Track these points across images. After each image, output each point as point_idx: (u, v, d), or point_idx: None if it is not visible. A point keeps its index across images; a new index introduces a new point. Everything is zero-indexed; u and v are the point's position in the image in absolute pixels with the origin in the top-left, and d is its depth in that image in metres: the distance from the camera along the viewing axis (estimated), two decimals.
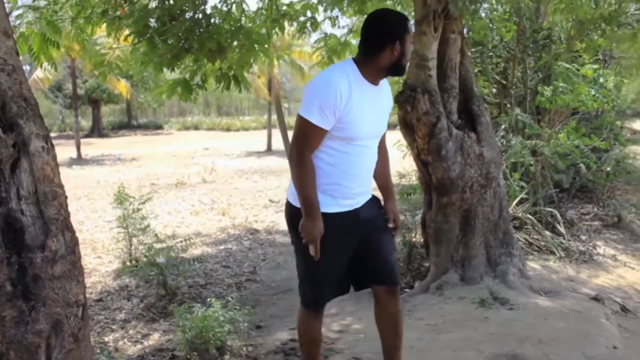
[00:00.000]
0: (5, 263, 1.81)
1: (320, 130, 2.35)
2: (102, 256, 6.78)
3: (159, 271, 4.98)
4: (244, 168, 15.97)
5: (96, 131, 33.07)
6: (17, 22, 4.61)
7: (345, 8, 5.73)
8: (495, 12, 7.54)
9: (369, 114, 2.44)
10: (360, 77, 2.42)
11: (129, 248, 6.02)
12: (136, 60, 5.05)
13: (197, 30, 4.63)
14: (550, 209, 6.64)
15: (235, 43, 4.88)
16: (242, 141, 26.01)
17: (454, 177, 4.47)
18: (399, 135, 4.93)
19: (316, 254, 2.42)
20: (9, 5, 4.66)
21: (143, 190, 10.55)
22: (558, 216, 6.49)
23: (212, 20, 4.73)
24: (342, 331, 3.93)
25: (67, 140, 26.09)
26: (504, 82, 7.86)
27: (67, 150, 20.23)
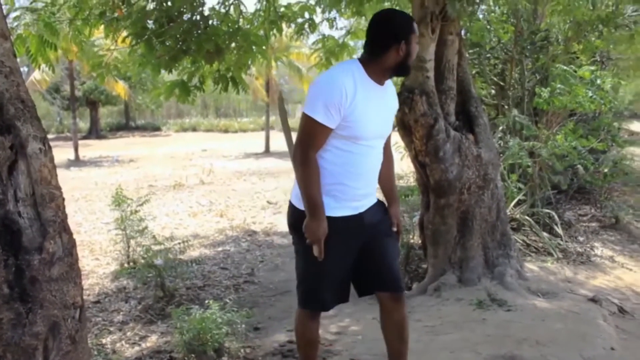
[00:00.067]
0: (2, 265, 1.80)
1: (325, 128, 2.33)
2: (100, 258, 6.77)
3: (157, 273, 4.98)
4: (242, 169, 15.96)
5: (94, 133, 33.00)
6: (15, 24, 4.61)
7: (343, 10, 5.74)
8: (492, 14, 7.57)
9: (374, 114, 2.42)
10: (365, 77, 2.41)
11: (127, 250, 6.02)
12: (134, 61, 5.06)
13: (195, 31, 4.63)
14: (547, 211, 6.65)
15: (233, 45, 4.89)
16: (240, 143, 26.00)
17: (452, 179, 4.48)
18: (397, 136, 4.93)
19: (320, 255, 2.39)
20: (7, 7, 4.66)
21: (141, 191, 10.56)
22: (556, 217, 6.51)
23: (210, 21, 4.73)
24: (340, 333, 3.93)
25: (65, 141, 26.03)
26: (502, 84, 7.88)
27: (65, 151, 20.21)
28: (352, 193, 2.46)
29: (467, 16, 5.24)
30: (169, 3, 4.47)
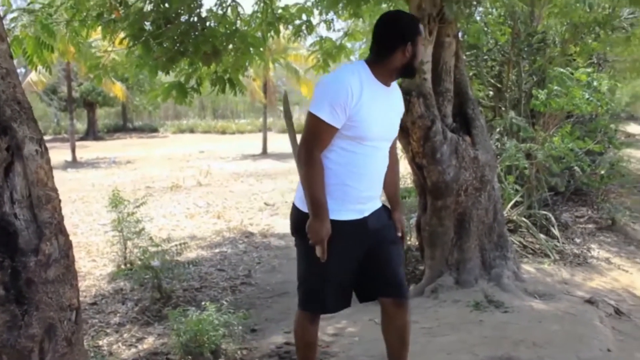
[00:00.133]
0: None
1: (330, 127, 2.32)
2: (97, 259, 6.76)
3: (154, 274, 4.97)
4: (240, 171, 15.96)
5: (91, 134, 32.97)
6: (12, 25, 4.61)
7: (340, 11, 5.74)
8: (490, 16, 7.58)
9: (380, 115, 2.41)
10: (372, 77, 2.40)
11: (124, 251, 6.01)
12: (131, 63, 5.06)
13: (193, 33, 4.63)
14: (544, 212, 6.66)
15: (230, 46, 4.89)
16: (238, 144, 25.99)
17: (449, 181, 4.48)
18: None
19: (323, 256, 2.36)
20: (4, 8, 4.66)
21: (138, 193, 10.56)
22: (552, 219, 6.52)
23: (208, 23, 4.74)
24: (337, 334, 3.93)
25: (62, 143, 26.00)
26: (499, 86, 7.90)
27: (62, 153, 20.18)
28: (356, 195, 2.44)
29: (465, 18, 5.25)
30: (167, 5, 4.47)
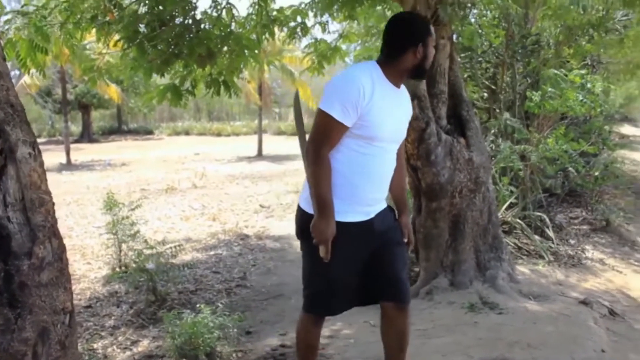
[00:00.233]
0: None
1: (340, 125, 2.30)
2: (92, 262, 6.74)
3: (149, 277, 4.96)
4: (235, 173, 15.94)
5: (86, 136, 32.88)
6: (6, 28, 4.59)
7: (335, 14, 5.74)
8: (484, 18, 7.61)
9: (390, 115, 2.39)
10: (383, 78, 2.39)
11: (119, 254, 5.99)
12: (126, 65, 5.04)
13: (187, 35, 4.62)
14: (539, 214, 6.68)
15: (225, 48, 4.89)
16: (233, 146, 25.96)
17: (443, 182, 4.49)
18: None
19: (326, 256, 2.34)
20: None
21: (133, 195, 10.52)
22: (547, 220, 6.54)
23: (202, 25, 4.73)
24: (332, 336, 3.92)
25: (57, 145, 25.94)
26: (493, 87, 7.93)
27: (57, 155, 20.11)
28: (363, 196, 2.42)
29: (459, 20, 5.25)
30: (161, 7, 4.46)
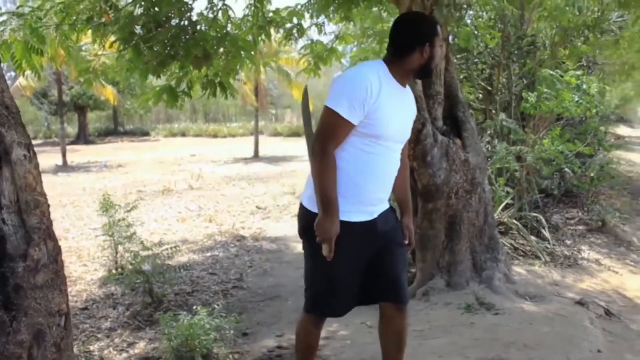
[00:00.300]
0: None
1: (347, 123, 2.29)
2: (88, 264, 6.72)
3: (145, 279, 4.95)
4: (231, 174, 15.93)
5: (82, 138, 32.80)
6: (1, 29, 4.57)
7: (331, 15, 5.75)
8: (480, 19, 7.62)
9: (396, 115, 2.40)
10: (389, 76, 2.39)
11: (115, 256, 5.98)
12: (122, 67, 5.03)
13: (183, 37, 4.61)
14: (535, 214, 6.69)
15: (221, 50, 4.88)
16: (229, 147, 25.96)
17: (440, 183, 4.50)
18: None
19: (330, 254, 2.32)
20: None
21: (129, 197, 10.50)
22: (543, 221, 6.55)
23: (198, 27, 4.72)
24: (329, 337, 3.92)
25: (53, 147, 25.89)
26: (489, 88, 7.94)
27: (53, 157, 20.08)
28: (368, 196, 2.42)
29: (455, 21, 5.26)
30: (157, 8, 4.45)
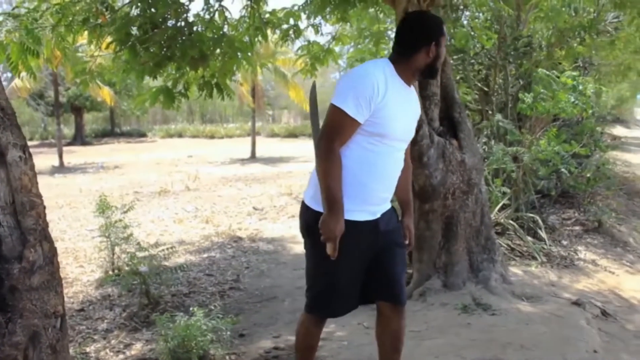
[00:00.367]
0: None
1: (353, 121, 2.28)
2: (84, 265, 6.71)
3: (142, 280, 4.94)
4: (228, 175, 15.91)
5: (79, 139, 32.73)
6: None
7: (327, 16, 5.75)
8: (476, 20, 7.63)
9: (402, 113, 2.39)
10: (395, 75, 2.39)
11: (112, 257, 5.96)
12: (118, 68, 5.02)
13: (180, 38, 4.61)
14: (531, 215, 6.70)
15: (217, 51, 4.87)
16: (226, 148, 25.94)
17: (436, 184, 4.50)
18: None
19: (334, 253, 2.31)
20: None
21: (126, 198, 10.48)
22: (540, 222, 6.56)
23: (195, 28, 4.72)
24: (325, 338, 3.92)
25: (50, 148, 25.83)
26: (486, 89, 7.95)
27: (50, 158, 20.03)
28: (371, 195, 2.41)
29: (451, 22, 5.28)
30: (153, 9, 4.45)
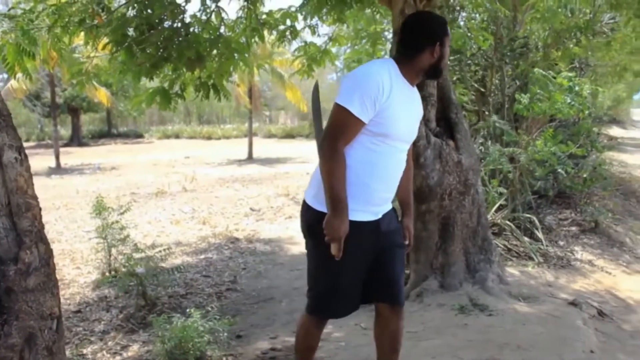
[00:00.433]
0: None
1: (358, 121, 2.27)
2: (81, 267, 6.70)
3: (139, 281, 4.93)
4: (225, 176, 15.90)
5: (75, 140, 32.66)
6: None
7: (324, 17, 5.75)
8: (472, 21, 7.65)
9: (405, 113, 2.39)
10: (399, 75, 2.39)
11: (108, 258, 5.95)
12: (115, 69, 5.02)
13: (176, 39, 4.61)
14: (528, 215, 6.71)
15: (214, 52, 4.87)
16: (223, 149, 25.91)
17: (433, 185, 4.51)
18: None
19: (338, 254, 2.31)
20: None
21: (123, 199, 10.47)
22: (536, 222, 6.56)
23: (191, 29, 4.72)
24: (323, 339, 3.89)
25: (46, 149, 25.80)
26: (482, 90, 7.96)
27: (46, 159, 20.01)
28: (374, 195, 2.41)
29: (448, 23, 5.28)
30: (150, 10, 4.45)
